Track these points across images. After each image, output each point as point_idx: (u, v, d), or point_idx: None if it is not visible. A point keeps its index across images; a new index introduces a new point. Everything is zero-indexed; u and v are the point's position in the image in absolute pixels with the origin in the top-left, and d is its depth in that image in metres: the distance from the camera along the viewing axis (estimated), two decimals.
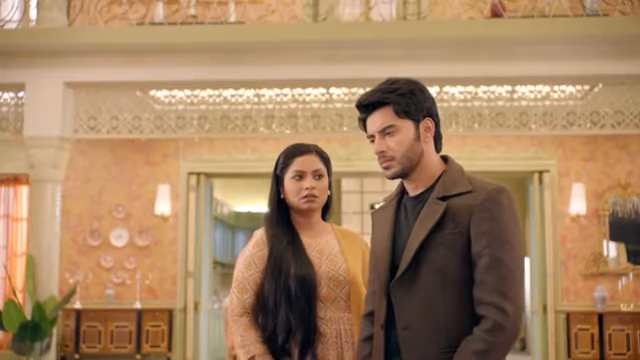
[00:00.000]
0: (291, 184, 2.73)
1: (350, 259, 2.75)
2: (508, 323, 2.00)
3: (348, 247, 2.79)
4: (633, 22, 6.73)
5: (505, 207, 2.10)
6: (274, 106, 7.47)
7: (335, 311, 2.67)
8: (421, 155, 2.22)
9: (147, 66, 6.96)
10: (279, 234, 2.71)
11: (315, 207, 2.75)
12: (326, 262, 2.71)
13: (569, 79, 6.96)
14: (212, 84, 7.22)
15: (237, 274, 2.77)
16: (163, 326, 8.66)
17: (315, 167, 2.74)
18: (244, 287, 2.72)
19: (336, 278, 2.68)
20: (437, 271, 2.10)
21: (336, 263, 2.72)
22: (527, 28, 6.72)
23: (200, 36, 6.86)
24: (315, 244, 2.75)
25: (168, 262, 8.93)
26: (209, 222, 9.54)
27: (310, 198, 2.71)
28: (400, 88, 2.21)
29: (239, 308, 2.71)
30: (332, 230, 2.85)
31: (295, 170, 2.73)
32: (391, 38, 6.76)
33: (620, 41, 6.67)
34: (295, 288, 2.61)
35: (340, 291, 2.69)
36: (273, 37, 6.81)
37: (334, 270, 2.69)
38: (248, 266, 2.73)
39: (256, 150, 8.90)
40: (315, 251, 2.73)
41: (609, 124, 7.14)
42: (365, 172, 9.46)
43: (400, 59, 6.81)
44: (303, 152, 2.77)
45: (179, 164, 8.98)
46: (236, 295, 2.73)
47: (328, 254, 2.74)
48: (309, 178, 2.72)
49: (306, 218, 2.78)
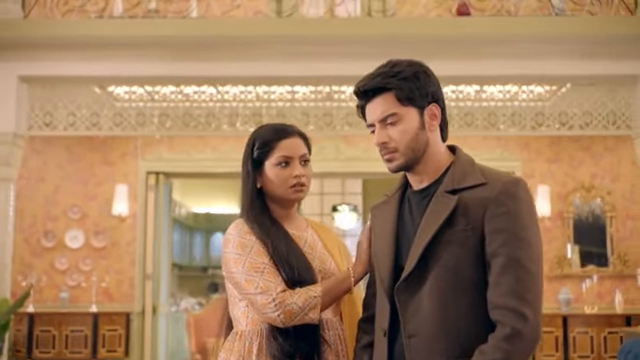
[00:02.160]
0: (275, 171, 2.40)
1: (336, 255, 2.48)
2: (527, 329, 1.81)
3: (329, 242, 2.51)
4: (602, 22, 6.69)
5: (522, 201, 1.90)
6: (238, 104, 7.26)
7: (331, 314, 2.38)
8: (427, 145, 2.01)
9: (106, 61, 6.72)
10: (270, 227, 2.37)
11: (302, 197, 2.44)
12: (316, 260, 2.41)
13: (537, 79, 6.89)
14: (174, 80, 7.00)
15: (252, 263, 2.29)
16: (120, 330, 8.38)
17: (302, 152, 2.43)
18: (272, 271, 2.28)
19: (329, 277, 2.37)
20: (447, 272, 1.89)
21: (325, 260, 2.43)
22: (495, 27, 6.63)
23: (161, 30, 6.63)
24: (305, 238, 2.45)
25: (125, 264, 8.66)
26: (168, 223, 9.31)
27: (299, 187, 2.40)
28: (402, 71, 1.99)
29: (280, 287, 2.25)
30: (308, 223, 2.55)
31: (280, 156, 2.39)
32: (357, 35, 6.62)
33: (589, 41, 6.62)
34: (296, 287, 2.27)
35: None
36: (236, 32, 6.62)
37: (325, 269, 2.40)
38: (260, 253, 2.32)
39: (217, 149, 8.68)
40: (307, 245, 2.43)
41: (577, 125, 7.08)
42: (326, 173, 9.28)
43: (367, 56, 6.63)
44: (288, 134, 2.43)
45: (137, 163, 8.72)
46: (269, 280, 2.26)
47: (315, 250, 2.44)
48: (296, 164, 2.40)
49: (286, 210, 2.46)
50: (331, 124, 7.23)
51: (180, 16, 7.05)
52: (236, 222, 2.44)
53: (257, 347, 2.32)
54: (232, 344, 2.39)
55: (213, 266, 13.80)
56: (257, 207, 2.42)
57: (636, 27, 6.60)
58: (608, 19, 6.75)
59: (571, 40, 6.64)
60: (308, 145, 2.49)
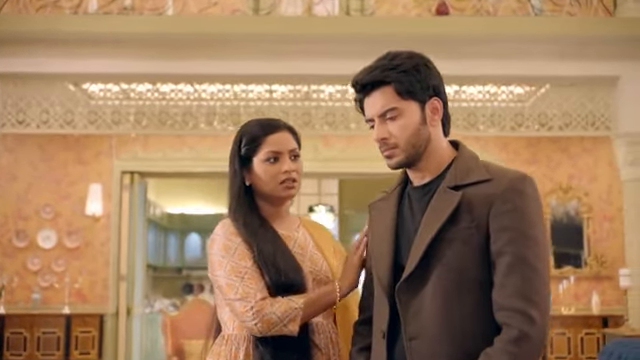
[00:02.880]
0: (265, 167, 2.30)
1: (329, 255, 2.38)
2: (534, 332, 1.73)
3: (321, 241, 2.41)
4: (581, 23, 6.70)
5: (529, 197, 1.83)
6: (215, 102, 7.17)
7: (322, 317, 2.28)
8: (428, 141, 1.94)
9: (80, 58, 6.59)
10: (257, 227, 2.27)
11: (294, 194, 2.35)
12: (307, 259, 2.32)
13: (516, 79, 6.87)
14: (150, 78, 6.90)
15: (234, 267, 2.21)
16: (93, 332, 8.24)
17: (291, 146, 2.33)
18: (253, 276, 2.18)
19: (320, 279, 2.30)
20: (451, 271, 1.81)
21: (317, 260, 2.34)
22: (474, 27, 6.60)
23: (137, 27, 6.53)
24: (295, 238, 2.35)
25: (99, 265, 8.52)
26: (142, 223, 9.18)
27: (289, 183, 2.30)
28: (402, 64, 1.91)
29: (260, 294, 2.16)
30: (300, 222, 2.45)
31: (269, 151, 2.30)
32: (336, 34, 6.57)
33: (568, 42, 6.62)
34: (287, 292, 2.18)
35: None
36: (213, 30, 6.54)
37: (317, 270, 2.32)
38: (243, 255, 2.22)
39: (193, 149, 8.56)
40: (296, 246, 2.33)
41: (557, 126, 7.06)
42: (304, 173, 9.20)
43: (345, 55, 6.59)
44: (276, 129, 2.34)
45: (112, 162, 8.57)
46: (249, 286, 2.17)
47: (307, 250, 2.35)
48: (286, 160, 2.30)
49: (277, 208, 2.36)
50: (310, 123, 7.16)
51: (156, 13, 6.95)
52: (223, 222, 2.36)
53: (244, 352, 2.24)
54: (219, 348, 2.31)
55: (188, 267, 13.68)
56: (245, 206, 2.33)
57: (615, 28, 6.61)
58: (587, 20, 6.76)
59: (550, 41, 6.63)
60: (297, 139, 2.40)
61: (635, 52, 6.63)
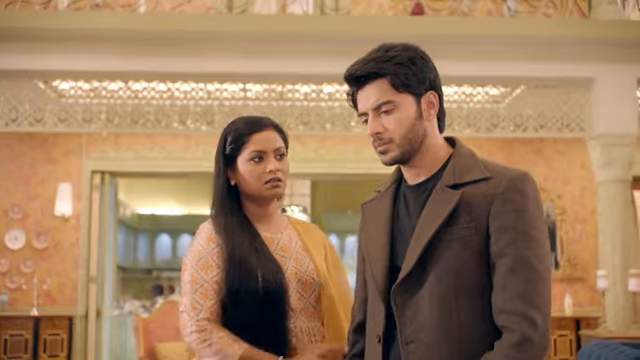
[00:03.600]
0: (249, 167, 2.25)
1: (316, 256, 2.32)
2: (537, 337, 1.66)
3: (311, 242, 2.35)
4: (556, 25, 6.71)
5: (530, 197, 1.75)
6: (189, 101, 7.06)
7: (305, 320, 2.23)
8: (424, 136, 1.86)
9: (50, 55, 6.47)
10: (236, 228, 2.22)
11: (280, 193, 2.30)
12: (292, 262, 2.27)
13: (492, 80, 6.86)
14: (122, 76, 6.79)
15: (193, 276, 2.20)
16: (62, 334, 8.09)
17: (277, 145, 2.28)
18: (207, 291, 2.17)
19: (305, 281, 2.25)
20: (449, 273, 1.74)
21: (302, 262, 2.28)
22: (450, 27, 6.58)
23: (109, 24, 6.42)
24: (277, 240, 2.30)
25: (68, 266, 8.37)
26: (113, 224, 9.04)
27: (275, 183, 2.25)
28: (398, 56, 1.83)
29: (202, 316, 2.15)
30: (289, 222, 2.40)
31: (253, 150, 2.24)
32: (311, 33, 6.51)
33: (543, 43, 6.63)
34: (262, 296, 2.14)
35: (309, 296, 2.26)
36: (187, 27, 6.45)
37: (302, 271, 2.26)
38: (207, 266, 2.20)
39: (165, 148, 8.45)
40: (279, 248, 2.28)
41: (532, 127, 7.06)
42: None
43: (320, 55, 6.55)
44: (261, 127, 2.29)
45: (82, 162, 8.43)
46: (197, 301, 2.16)
47: (292, 252, 2.29)
48: (271, 159, 2.25)
49: (264, 208, 2.31)
50: (285, 123, 7.08)
51: (129, 10, 6.84)
52: (203, 224, 2.32)
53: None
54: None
55: (158, 268, 13.53)
56: (226, 207, 2.28)
57: (590, 30, 6.62)
58: (562, 22, 6.77)
59: (525, 42, 6.63)
60: (284, 138, 2.34)
61: (610, 54, 6.65)
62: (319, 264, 2.31)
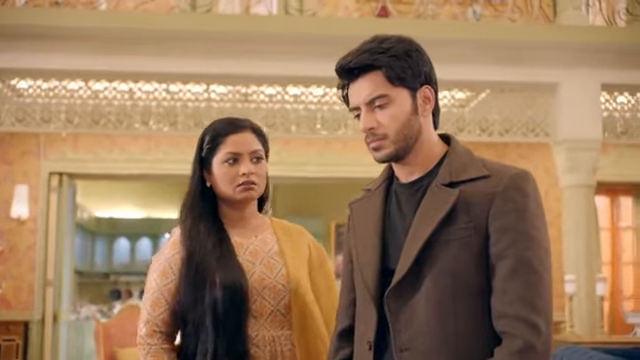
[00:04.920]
0: (223, 169, 2.22)
1: (292, 261, 2.26)
2: (540, 343, 1.58)
3: (290, 246, 2.30)
4: (521, 29, 6.71)
5: (531, 196, 1.69)
6: (151, 102, 6.92)
7: (270, 329, 2.17)
8: (419, 132, 1.78)
9: (8, 52, 6.27)
10: (202, 232, 2.18)
11: (254, 197, 2.26)
12: (260, 267, 2.22)
13: (457, 84, 6.82)
14: (82, 75, 6.60)
15: (150, 283, 2.21)
16: (17, 340, 7.88)
17: (253, 148, 2.24)
18: (158, 299, 2.17)
19: (273, 287, 2.19)
20: (447, 276, 1.66)
21: (273, 268, 2.22)
22: (415, 30, 6.50)
23: (69, 21, 6.22)
24: (247, 244, 2.25)
25: (24, 270, 8.15)
26: (71, 227, 8.84)
27: (248, 186, 2.21)
28: (392, 48, 1.75)
29: (149, 327, 2.16)
30: (270, 225, 2.34)
31: (228, 152, 2.22)
32: (276, 33, 6.42)
33: (508, 48, 6.63)
34: (221, 302, 2.08)
35: (278, 303, 2.19)
36: (150, 26, 6.30)
37: (270, 277, 2.21)
38: (164, 273, 2.19)
39: (125, 150, 8.28)
40: (247, 253, 2.23)
41: (497, 131, 7.05)
42: None
43: (286, 56, 6.47)
44: (237, 129, 2.25)
45: (39, 163, 8.22)
46: (147, 310, 2.18)
47: (264, 256, 2.24)
48: (246, 161, 2.22)
49: (239, 211, 2.27)
50: None
51: (90, 7, 6.68)
52: (175, 228, 2.28)
53: None
54: None
55: (115, 272, 13.34)
56: (196, 210, 2.23)
57: (555, 35, 6.64)
58: (527, 26, 6.77)
59: (491, 46, 6.63)
60: (264, 141, 2.30)
61: (574, 59, 6.67)
62: (293, 269, 2.24)
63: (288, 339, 2.19)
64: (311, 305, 2.24)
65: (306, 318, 2.21)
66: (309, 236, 2.41)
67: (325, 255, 2.43)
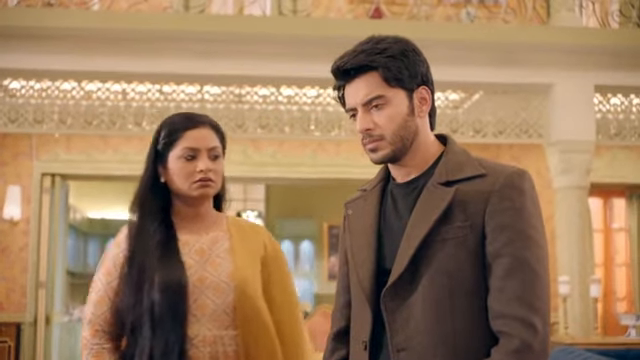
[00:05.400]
0: (179, 165, 2.16)
1: (240, 259, 2.19)
2: (538, 343, 1.58)
3: (242, 244, 2.23)
4: (515, 31, 6.71)
5: (528, 195, 1.69)
6: (144, 103, 6.90)
7: (212, 328, 2.10)
8: (415, 133, 1.78)
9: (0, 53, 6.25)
10: (148, 230, 2.14)
11: (210, 194, 2.20)
12: (205, 265, 2.15)
13: (451, 85, 6.82)
14: (75, 75, 6.58)
15: (94, 282, 2.18)
16: (9, 342, 7.85)
17: (211, 144, 2.19)
18: (101, 298, 2.14)
19: (216, 285, 2.12)
20: (443, 275, 1.65)
21: (219, 266, 2.16)
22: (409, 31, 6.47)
23: (62, 21, 6.20)
24: (195, 242, 2.19)
25: (17, 271, 8.12)
26: (63, 228, 8.81)
27: (205, 183, 2.15)
28: (389, 48, 1.74)
29: (91, 326, 2.14)
30: (225, 223, 2.28)
31: (185, 147, 2.16)
32: (270, 34, 6.41)
33: (502, 49, 6.63)
34: (158, 302, 2.04)
35: (221, 302, 2.11)
36: (143, 26, 6.28)
37: (215, 275, 2.13)
38: (108, 271, 2.16)
39: (118, 151, 8.26)
40: (193, 251, 2.17)
41: (491, 133, 7.05)
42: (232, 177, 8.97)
43: (280, 57, 6.46)
44: (196, 124, 2.20)
45: (32, 164, 8.18)
46: (90, 309, 2.15)
47: (210, 254, 2.17)
48: (203, 158, 2.16)
49: (194, 208, 2.22)
50: (242, 126, 6.97)
51: (83, 7, 6.66)
52: (122, 229, 2.26)
53: None
54: None
55: None
56: (146, 206, 2.19)
57: (548, 36, 6.65)
58: (521, 28, 6.77)
59: (484, 47, 6.62)
60: (222, 139, 2.27)
61: (568, 61, 6.68)
62: (240, 267, 2.18)
63: (233, 339, 2.12)
64: (259, 305, 2.18)
65: (252, 318, 2.14)
66: (266, 234, 2.34)
67: (282, 254, 2.37)
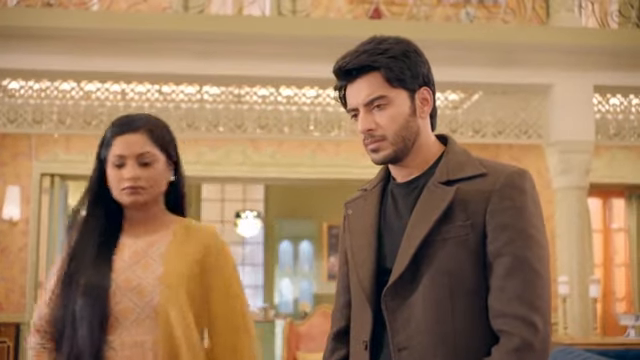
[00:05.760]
0: (111, 172, 2.10)
1: (172, 263, 2.08)
2: (538, 342, 1.58)
3: (179, 248, 2.12)
4: (515, 31, 6.71)
5: (529, 194, 1.70)
6: (143, 103, 6.90)
7: (135, 334, 2.01)
8: (417, 134, 1.78)
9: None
10: (88, 232, 2.10)
11: (140, 201, 2.11)
12: (135, 267, 2.07)
13: (450, 85, 6.82)
14: (74, 75, 6.58)
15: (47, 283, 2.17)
16: (9, 342, 7.84)
17: (139, 151, 2.09)
18: (45, 299, 2.11)
19: (142, 288, 2.03)
20: (444, 275, 1.66)
21: (149, 268, 2.06)
22: (408, 31, 6.46)
23: (61, 21, 6.20)
24: (133, 245, 2.12)
25: (16, 271, 8.11)
26: (63, 228, 8.80)
27: (132, 190, 2.07)
28: (391, 49, 1.75)
29: (34, 327, 2.11)
30: (175, 226, 2.18)
31: (114, 154, 2.08)
32: (270, 34, 6.41)
33: (501, 49, 6.63)
34: (80, 304, 2.00)
35: (144, 305, 2.02)
36: (142, 27, 6.27)
37: (142, 277, 2.04)
38: (55, 271, 2.13)
39: None
40: (127, 254, 2.10)
41: (490, 133, 7.05)
42: (232, 177, 8.99)
43: (279, 57, 6.46)
44: (125, 130, 2.10)
45: (31, 164, 8.18)
46: (37, 312, 2.14)
47: (144, 257, 2.09)
48: (130, 165, 2.08)
49: (142, 212, 2.15)
50: (242, 126, 6.97)
51: (82, 8, 6.66)
52: None
53: None
54: None
55: None
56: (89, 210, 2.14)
57: (548, 37, 6.64)
58: (521, 28, 6.77)
59: (484, 48, 6.62)
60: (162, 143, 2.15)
61: (567, 61, 6.68)
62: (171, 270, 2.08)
63: (154, 346, 2.02)
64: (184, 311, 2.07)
65: (175, 324, 2.04)
66: (211, 237, 2.19)
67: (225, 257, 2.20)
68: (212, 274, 2.13)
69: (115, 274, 2.04)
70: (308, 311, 10.63)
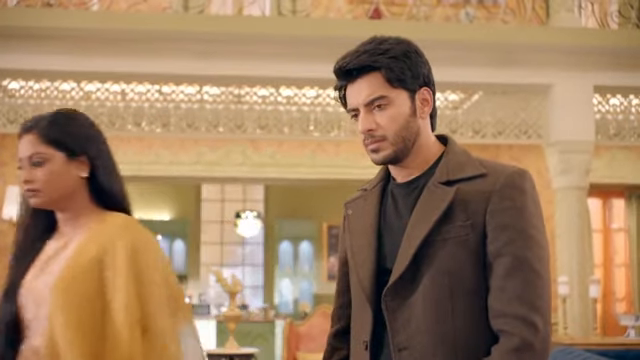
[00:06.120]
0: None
1: (70, 268, 1.95)
2: (538, 342, 1.58)
3: (82, 246, 2.00)
4: (514, 31, 6.71)
5: (529, 194, 1.69)
6: (144, 103, 6.90)
7: (34, 341, 1.94)
8: (417, 135, 1.77)
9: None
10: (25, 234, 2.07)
11: (38, 203, 2.02)
12: (42, 272, 1.98)
13: (450, 86, 6.83)
14: (74, 76, 6.59)
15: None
16: None
17: (29, 152, 2.00)
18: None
19: (38, 292, 1.95)
20: (445, 275, 1.65)
21: (49, 273, 1.97)
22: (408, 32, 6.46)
23: (61, 22, 6.21)
24: (51, 248, 2.04)
25: None
26: None
27: (30, 193, 2.00)
28: (391, 49, 1.74)
29: None
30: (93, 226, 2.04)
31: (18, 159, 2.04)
32: (270, 35, 6.41)
33: (501, 49, 6.63)
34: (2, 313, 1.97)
35: (39, 311, 1.94)
36: (142, 27, 6.28)
37: (42, 282, 1.96)
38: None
39: (117, 151, 8.17)
40: (42, 258, 2.02)
41: (490, 133, 7.05)
42: (232, 178, 9.00)
43: (279, 57, 6.46)
44: (20, 133, 2.04)
45: None
46: None
47: (53, 261, 2.00)
48: (25, 168, 2.01)
49: (59, 213, 2.06)
50: (242, 127, 6.97)
51: (82, 8, 6.66)
52: None
53: None
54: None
55: None
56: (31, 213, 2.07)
57: (547, 37, 6.65)
58: (520, 28, 6.77)
59: (484, 48, 6.63)
60: (55, 140, 2.03)
61: (567, 61, 6.68)
62: (63, 277, 1.95)
63: (46, 351, 1.92)
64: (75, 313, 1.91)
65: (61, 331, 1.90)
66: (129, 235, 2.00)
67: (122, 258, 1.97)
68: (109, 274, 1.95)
69: (26, 279, 1.99)
70: (308, 311, 10.63)
